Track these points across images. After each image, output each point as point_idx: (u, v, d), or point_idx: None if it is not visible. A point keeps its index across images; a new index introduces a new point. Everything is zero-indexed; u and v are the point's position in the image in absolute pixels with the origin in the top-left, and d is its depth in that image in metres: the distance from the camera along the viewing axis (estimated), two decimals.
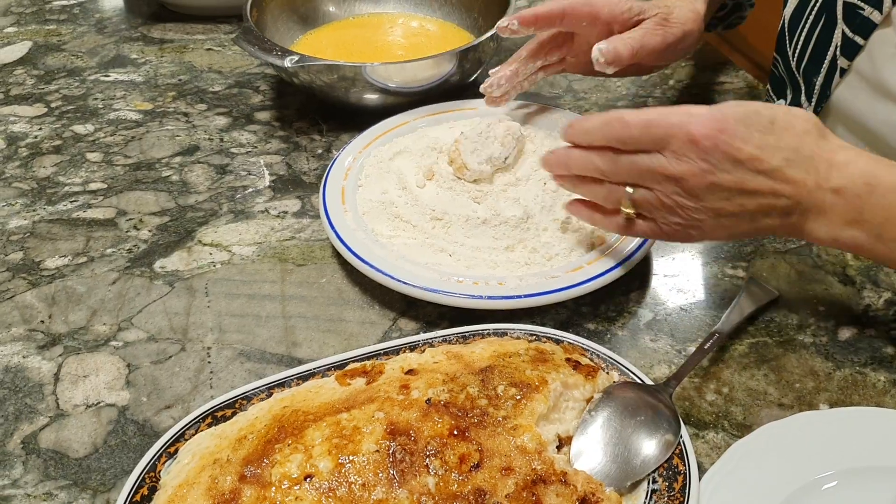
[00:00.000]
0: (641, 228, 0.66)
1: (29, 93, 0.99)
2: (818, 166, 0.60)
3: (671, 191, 0.61)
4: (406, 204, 0.77)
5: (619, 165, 0.63)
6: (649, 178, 0.62)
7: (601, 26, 0.79)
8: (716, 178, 0.59)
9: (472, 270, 0.71)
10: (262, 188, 0.85)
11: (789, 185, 0.60)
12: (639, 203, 0.64)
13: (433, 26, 1.06)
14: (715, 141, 0.59)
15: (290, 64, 0.85)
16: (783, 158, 0.59)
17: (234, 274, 0.75)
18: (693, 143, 0.59)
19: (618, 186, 0.64)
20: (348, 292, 0.74)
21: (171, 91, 1.00)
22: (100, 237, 0.79)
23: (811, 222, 0.61)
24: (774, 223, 0.61)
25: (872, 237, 0.59)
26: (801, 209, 0.61)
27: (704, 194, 0.60)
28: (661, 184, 0.62)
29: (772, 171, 0.59)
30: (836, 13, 0.76)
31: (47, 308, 0.72)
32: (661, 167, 0.61)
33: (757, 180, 0.59)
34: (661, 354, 0.68)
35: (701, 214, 0.62)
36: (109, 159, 0.89)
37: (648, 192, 0.63)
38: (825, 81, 0.78)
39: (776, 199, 0.60)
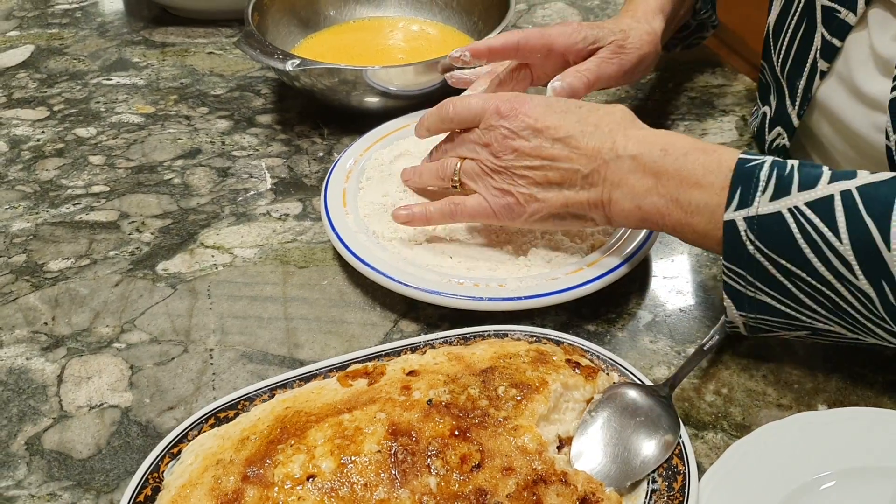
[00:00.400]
0: (471, 204, 0.71)
1: (31, 96, 1.00)
2: (615, 137, 0.66)
3: (485, 157, 0.69)
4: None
5: (454, 142, 0.73)
6: (468, 149, 0.71)
7: (556, 57, 0.81)
8: (517, 144, 0.67)
9: (473, 272, 0.71)
10: (263, 191, 0.86)
11: (585, 153, 0.66)
12: (464, 170, 0.71)
13: (433, 30, 1.07)
14: (516, 112, 0.68)
15: (292, 68, 0.85)
16: (579, 130, 0.67)
17: (236, 276, 0.76)
18: (498, 114, 0.69)
19: (449, 159, 0.73)
20: (350, 294, 0.74)
21: (172, 94, 1.00)
22: (102, 240, 0.80)
23: (614, 191, 0.65)
24: (582, 197, 0.67)
25: (671, 201, 0.63)
26: (601, 178, 0.66)
27: (509, 158, 0.68)
28: (477, 152, 0.70)
29: (566, 139, 0.66)
30: (815, 17, 0.77)
31: (50, 310, 0.73)
32: (477, 137, 0.70)
33: (554, 148, 0.67)
34: (660, 356, 0.68)
35: (512, 181, 0.68)
36: (112, 162, 0.90)
37: (471, 162, 0.71)
38: (807, 84, 0.79)
39: (572, 166, 0.66)
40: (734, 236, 0.59)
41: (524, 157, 0.67)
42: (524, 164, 0.67)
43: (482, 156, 0.69)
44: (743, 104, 0.98)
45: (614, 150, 0.65)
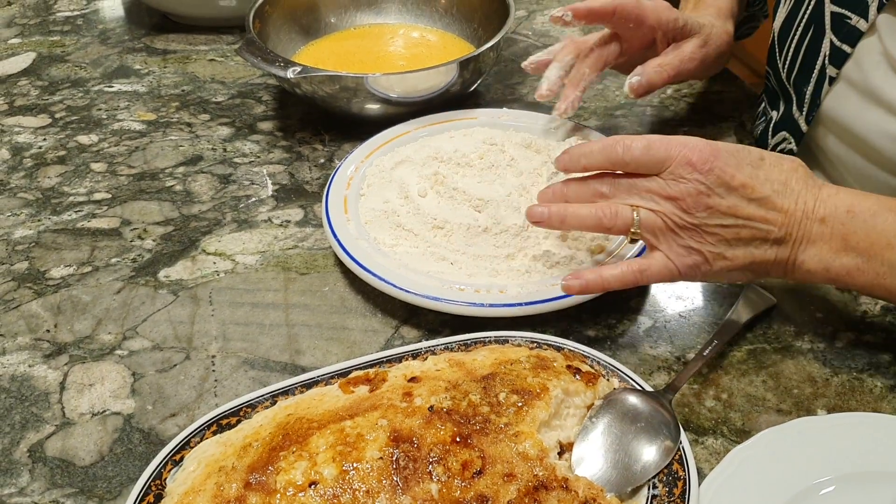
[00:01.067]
0: (657, 268, 0.65)
1: (33, 104, 1.00)
2: (805, 198, 0.63)
3: (670, 210, 0.63)
4: (408, 213, 0.78)
5: (618, 187, 0.65)
6: (649, 199, 0.64)
7: (646, 30, 0.81)
8: (711, 202, 0.62)
9: (474, 278, 0.72)
10: (265, 197, 0.86)
11: (779, 214, 0.63)
12: (643, 224, 0.64)
13: (434, 37, 1.07)
14: (710, 165, 0.62)
15: (293, 75, 0.85)
16: (772, 189, 0.63)
17: (237, 283, 0.76)
18: (690, 166, 0.62)
19: (624, 206, 0.65)
20: (351, 300, 0.74)
21: (174, 101, 1.01)
22: (104, 247, 0.80)
23: (802, 253, 0.64)
24: (769, 255, 0.64)
25: (862, 260, 0.62)
26: (791, 239, 0.63)
27: (702, 216, 0.63)
28: (661, 204, 0.63)
29: (762, 200, 0.63)
30: (823, 23, 0.77)
31: (53, 317, 0.73)
32: (660, 188, 0.63)
33: (749, 207, 0.63)
34: (660, 361, 0.69)
35: (702, 239, 0.63)
36: (113, 169, 0.90)
37: (651, 213, 0.64)
38: (815, 90, 0.79)
39: (768, 227, 0.63)
40: None
41: (718, 216, 0.62)
42: (717, 222, 0.63)
43: (666, 209, 0.63)
44: (742, 109, 0.98)
45: (805, 212, 0.63)
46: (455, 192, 0.79)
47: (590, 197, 0.66)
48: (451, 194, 0.79)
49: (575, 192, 0.67)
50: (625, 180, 0.65)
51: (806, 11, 0.79)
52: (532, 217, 0.67)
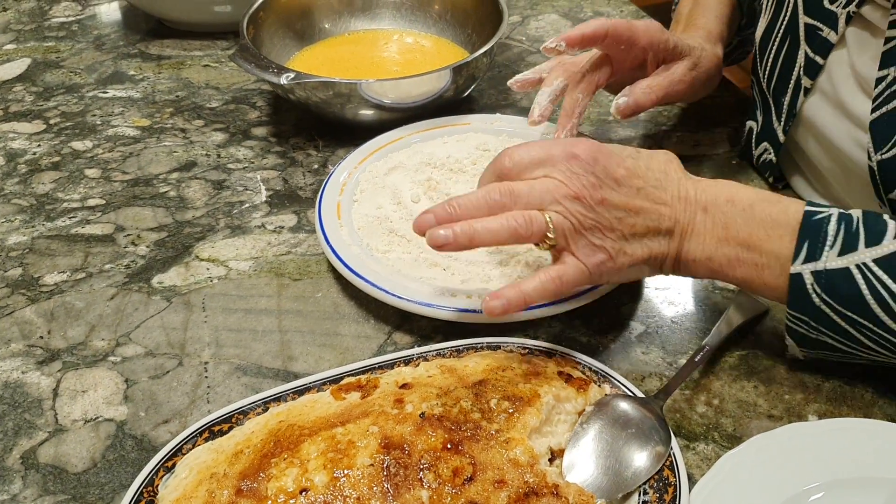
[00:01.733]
0: (572, 273, 0.63)
1: (28, 109, 1.01)
2: (686, 186, 0.64)
3: (575, 209, 0.61)
4: (401, 219, 0.78)
5: (516, 195, 0.62)
6: (550, 200, 0.62)
7: (637, 52, 0.80)
8: (605, 194, 0.62)
9: (466, 285, 0.72)
10: (258, 203, 0.86)
11: (665, 206, 0.64)
12: (556, 227, 0.62)
13: (428, 42, 1.07)
14: (594, 156, 0.63)
15: (287, 81, 0.86)
16: (655, 178, 0.64)
17: (231, 289, 0.76)
18: (575, 159, 0.62)
19: (535, 211, 0.62)
20: (344, 307, 0.75)
21: (168, 107, 1.01)
22: (98, 253, 0.80)
23: (688, 242, 0.64)
24: (663, 248, 0.64)
25: (742, 250, 0.63)
26: (679, 229, 0.64)
27: (601, 210, 0.62)
28: (563, 203, 0.62)
29: (647, 192, 0.63)
30: (798, 34, 0.78)
31: (46, 324, 0.73)
32: (557, 186, 0.62)
33: (638, 199, 0.63)
34: (652, 367, 0.69)
35: (603, 235, 0.62)
36: (108, 175, 0.90)
37: (559, 215, 0.62)
38: (791, 100, 0.80)
39: (659, 219, 0.63)
40: (800, 288, 0.61)
41: (612, 209, 0.62)
42: (613, 215, 0.62)
43: (571, 208, 0.61)
44: (735, 116, 0.98)
45: (688, 200, 0.64)
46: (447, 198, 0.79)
47: (487, 211, 0.62)
48: (443, 200, 0.79)
49: (467, 208, 0.62)
50: (520, 185, 0.62)
51: (783, 22, 0.80)
52: (433, 242, 0.61)
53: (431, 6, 1.08)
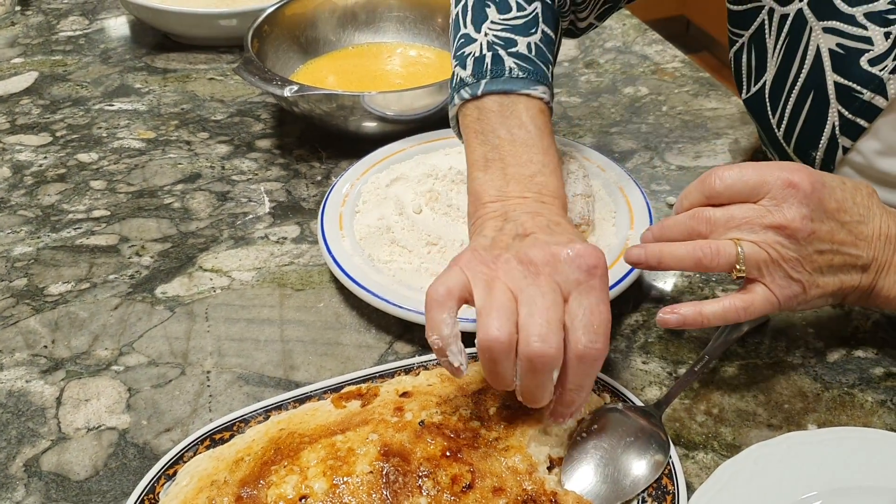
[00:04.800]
0: (760, 304, 0.61)
1: (35, 122, 1.02)
2: (888, 222, 0.63)
3: (774, 241, 0.60)
4: (403, 229, 0.78)
5: (714, 223, 0.61)
6: (748, 230, 0.60)
7: None
8: (815, 227, 0.60)
9: None
10: (262, 214, 0.87)
11: (866, 241, 0.63)
12: (748, 258, 0.60)
13: (431, 55, 1.08)
14: (813, 187, 0.60)
15: (290, 94, 0.86)
16: (859, 214, 0.63)
17: (233, 299, 0.77)
18: (793, 188, 0.60)
19: (726, 241, 0.60)
20: (345, 316, 0.75)
21: (173, 120, 1.02)
22: (102, 263, 0.81)
23: (883, 279, 0.64)
24: (854, 282, 0.63)
25: None
26: (875, 265, 0.63)
27: (805, 244, 0.60)
28: (763, 234, 0.60)
29: (852, 227, 0.62)
30: (827, 92, 0.73)
31: (50, 333, 0.74)
32: (759, 216, 0.60)
33: (842, 232, 0.62)
34: (652, 376, 0.69)
35: (801, 268, 0.61)
36: (113, 187, 0.91)
37: (754, 246, 0.60)
38: (826, 157, 0.75)
39: (857, 252, 0.62)
40: None
41: (817, 241, 0.60)
42: (816, 248, 0.60)
43: (769, 239, 0.60)
44: (736, 127, 0.99)
45: (888, 237, 0.63)
46: (450, 209, 0.80)
47: (686, 236, 0.62)
48: (445, 211, 0.80)
49: (671, 232, 0.63)
50: (720, 213, 0.61)
51: (800, 75, 0.74)
52: (629, 259, 0.63)
53: (434, 20, 1.09)
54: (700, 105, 1.03)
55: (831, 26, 0.71)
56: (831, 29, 0.71)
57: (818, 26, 0.71)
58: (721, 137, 0.97)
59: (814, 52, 0.72)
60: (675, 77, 1.08)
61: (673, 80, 1.07)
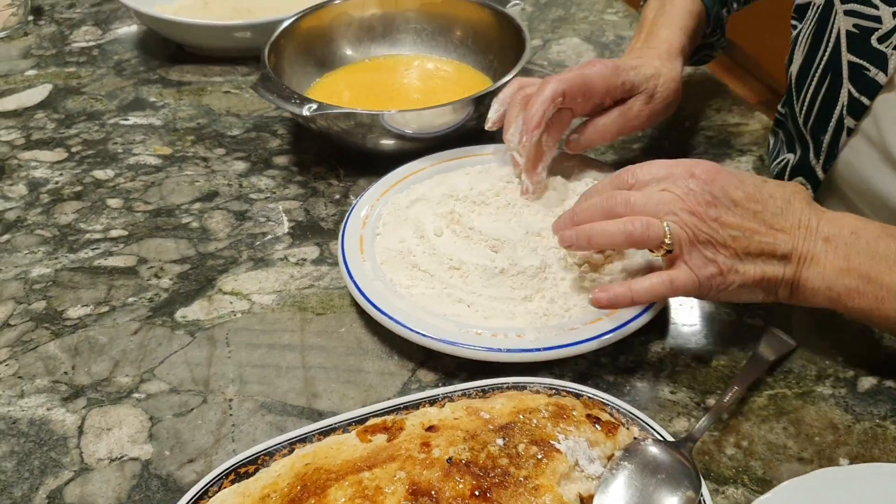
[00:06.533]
0: (682, 280, 0.65)
1: (50, 137, 1.01)
2: (809, 216, 0.66)
3: (690, 221, 0.64)
4: (424, 253, 0.78)
5: (632, 205, 0.66)
6: (665, 210, 0.65)
7: (596, 98, 0.81)
8: (720, 213, 0.64)
9: (491, 321, 0.71)
10: (280, 235, 0.86)
11: (783, 232, 0.65)
12: (674, 235, 0.64)
13: (449, 68, 1.07)
14: (713, 176, 0.66)
15: (309, 112, 0.85)
16: (776, 206, 0.66)
17: (254, 323, 0.76)
18: (693, 177, 0.65)
19: (649, 220, 0.65)
20: (367, 342, 0.74)
21: (189, 135, 1.01)
22: (121, 286, 0.80)
23: (806, 270, 0.65)
24: (777, 272, 0.65)
25: (863, 282, 0.64)
26: (798, 255, 0.65)
27: (716, 227, 0.64)
28: (679, 214, 0.65)
29: (765, 217, 0.65)
30: (841, 72, 0.77)
31: (70, 359, 0.73)
32: (674, 200, 0.65)
33: (754, 222, 0.65)
34: (680, 407, 0.68)
35: (716, 251, 0.65)
36: (130, 205, 0.90)
37: (674, 225, 0.65)
38: (832, 140, 0.79)
39: (775, 241, 0.65)
40: None
41: (727, 227, 0.64)
42: (728, 233, 0.64)
43: (686, 220, 0.65)
44: (760, 143, 0.98)
45: (809, 229, 0.65)
46: (471, 232, 0.79)
47: (603, 216, 0.67)
48: (467, 234, 0.79)
49: (588, 214, 0.68)
50: (637, 195, 0.66)
51: (822, 58, 0.79)
52: (562, 242, 0.69)
53: (453, 32, 1.08)
54: (723, 120, 1.02)
55: (850, 8, 0.76)
56: (850, 11, 0.76)
57: (841, 9, 0.77)
58: (745, 154, 0.96)
59: (835, 35, 0.77)
60: (697, 91, 1.06)
61: (695, 93, 1.05)
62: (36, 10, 1.27)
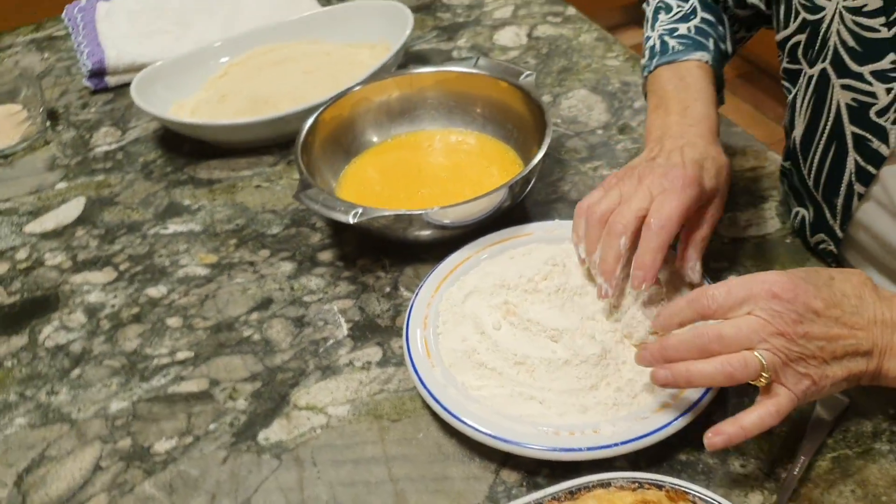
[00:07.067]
0: (785, 403, 0.67)
1: (95, 256, 1.03)
2: (882, 308, 0.69)
3: (781, 345, 0.67)
4: (487, 350, 0.81)
5: (724, 340, 0.68)
6: (756, 339, 0.67)
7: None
8: (807, 328, 0.66)
9: (565, 418, 0.75)
10: (341, 338, 0.89)
11: (862, 330, 0.68)
12: (769, 365, 0.66)
13: (471, 140, 1.10)
14: (794, 293, 0.67)
15: (355, 220, 0.88)
16: (850, 305, 0.68)
17: (335, 438, 0.80)
18: (776, 298, 0.67)
19: (747, 353, 0.67)
20: (447, 446, 0.78)
21: (231, 238, 1.04)
22: (199, 412, 0.83)
23: (888, 362, 0.68)
24: (861, 367, 0.68)
25: None
26: (878, 350, 0.68)
27: (804, 343, 0.67)
28: (770, 340, 0.67)
29: (845, 320, 0.67)
30: (845, 140, 0.80)
31: (167, 497, 0.76)
32: (763, 325, 0.67)
33: (836, 327, 0.67)
34: (752, 480, 0.72)
35: (807, 364, 0.67)
36: (189, 323, 0.93)
37: (767, 352, 0.66)
38: (845, 203, 0.83)
39: (857, 342, 0.67)
40: None
41: (814, 339, 0.67)
42: (815, 345, 0.67)
43: (777, 344, 0.66)
44: (778, 187, 1.01)
45: (885, 323, 0.68)
46: (529, 324, 0.82)
47: (697, 354, 0.69)
48: (525, 326, 0.82)
49: (677, 351, 0.70)
50: (727, 329, 0.68)
51: (825, 126, 0.82)
52: (657, 381, 0.70)
53: (469, 105, 1.11)
54: (739, 165, 1.05)
55: (846, 83, 0.79)
56: (846, 86, 0.79)
57: (837, 83, 0.80)
58: (767, 201, 1.00)
59: (836, 106, 0.81)
60: None
61: None
62: (51, 115, 1.30)
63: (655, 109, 0.91)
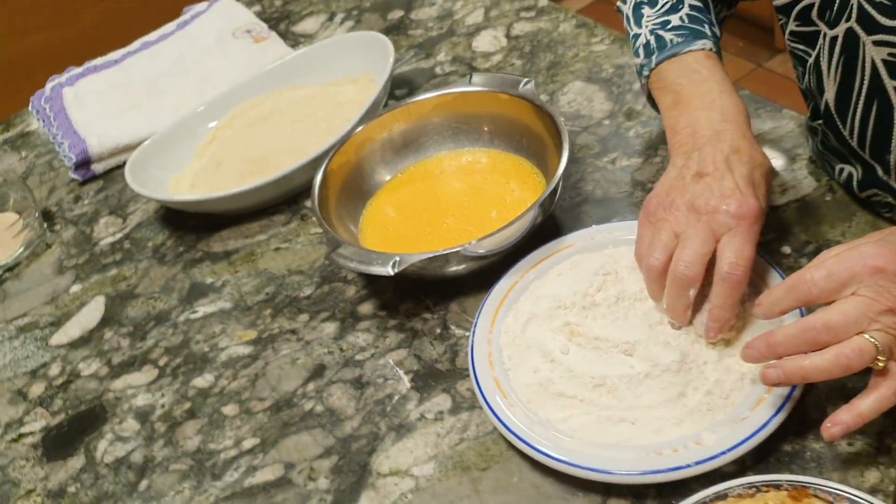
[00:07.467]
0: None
1: (131, 356, 1.00)
2: None
3: (892, 322, 0.64)
4: (562, 378, 0.79)
5: (833, 329, 0.65)
6: (866, 321, 0.64)
7: None
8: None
9: (661, 435, 0.73)
10: (405, 392, 0.87)
11: None
12: (884, 346, 0.64)
13: (483, 158, 1.08)
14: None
15: (394, 270, 0.86)
16: None
17: (428, 500, 0.77)
18: (881, 272, 0.65)
19: (857, 337, 0.64)
20: (545, 486, 0.76)
21: (265, 309, 1.01)
22: (283, 501, 0.81)
23: None
24: None
25: None
26: None
27: None
28: (880, 319, 0.64)
29: None
30: (889, 97, 0.78)
31: None
32: (870, 305, 0.64)
33: None
34: (863, 458, 0.71)
35: None
36: (247, 408, 0.90)
37: (881, 333, 0.64)
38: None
39: None
40: None
41: None
42: None
43: (888, 322, 0.64)
44: (802, 144, 0.99)
45: None
46: (597, 342, 0.80)
47: (806, 347, 0.67)
48: (594, 344, 0.80)
49: (785, 347, 0.68)
50: (834, 316, 0.65)
51: (862, 86, 0.79)
52: (769, 382, 0.68)
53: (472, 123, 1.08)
54: (758, 129, 1.03)
55: (879, 39, 0.76)
56: (880, 41, 0.76)
57: (869, 41, 0.77)
58: (795, 161, 0.98)
59: (870, 64, 0.78)
60: None
61: None
62: (46, 215, 1.26)
63: (674, 107, 0.85)
